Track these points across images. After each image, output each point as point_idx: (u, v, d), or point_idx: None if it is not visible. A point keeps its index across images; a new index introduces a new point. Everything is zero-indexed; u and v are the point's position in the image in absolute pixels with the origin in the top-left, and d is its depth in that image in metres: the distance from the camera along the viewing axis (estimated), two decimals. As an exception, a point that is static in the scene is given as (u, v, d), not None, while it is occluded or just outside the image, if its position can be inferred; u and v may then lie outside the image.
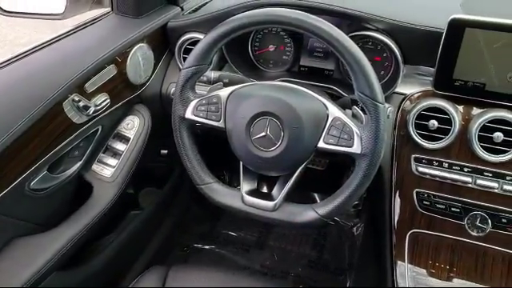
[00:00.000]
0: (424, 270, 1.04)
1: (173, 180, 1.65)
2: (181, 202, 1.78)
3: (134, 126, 1.23)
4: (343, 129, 0.86)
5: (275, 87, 0.93)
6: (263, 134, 0.88)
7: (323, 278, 1.68)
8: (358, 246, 1.75)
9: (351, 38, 1.05)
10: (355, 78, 0.84)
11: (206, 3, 1.31)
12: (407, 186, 1.08)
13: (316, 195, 1.92)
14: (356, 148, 0.85)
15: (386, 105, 0.87)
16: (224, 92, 0.93)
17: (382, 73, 1.14)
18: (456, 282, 1.02)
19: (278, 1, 1.07)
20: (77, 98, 1.01)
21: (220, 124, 0.93)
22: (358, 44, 1.10)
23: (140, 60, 1.18)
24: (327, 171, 1.70)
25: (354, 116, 0.91)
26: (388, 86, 1.09)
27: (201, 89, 1.02)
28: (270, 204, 0.92)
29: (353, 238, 1.81)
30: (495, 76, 0.95)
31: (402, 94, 1.08)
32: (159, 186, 1.63)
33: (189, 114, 0.94)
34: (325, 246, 1.82)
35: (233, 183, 1.92)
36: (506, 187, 1.00)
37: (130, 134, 1.23)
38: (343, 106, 0.93)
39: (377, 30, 1.05)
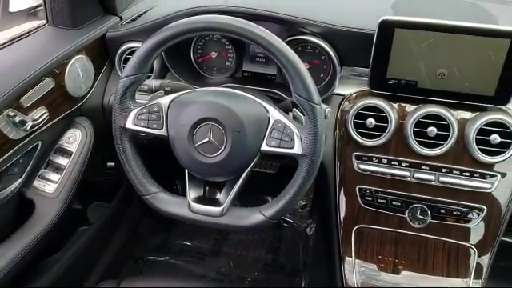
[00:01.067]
0: (370, 264, 1.08)
1: (122, 193, 1.62)
2: (132, 215, 1.75)
3: (76, 139, 1.20)
4: (284, 131, 0.88)
5: (216, 93, 0.93)
6: (206, 139, 0.88)
7: (279, 280, 1.70)
8: (311, 246, 1.78)
9: (290, 42, 1.09)
10: (292, 81, 0.86)
11: (146, 12, 1.31)
12: (350, 183, 1.11)
13: (269, 198, 1.93)
14: (297, 149, 0.87)
15: (324, 106, 0.89)
16: (165, 100, 0.93)
17: (322, 75, 1.17)
18: (401, 273, 1.07)
19: (216, 8, 1.08)
20: (12, 113, 0.98)
21: (162, 132, 0.92)
22: (297, 48, 1.14)
23: (79, 72, 1.15)
24: (278, 174, 1.72)
25: (295, 118, 0.93)
26: (327, 87, 1.12)
27: (143, 98, 1.01)
28: (217, 209, 0.92)
29: (306, 239, 1.85)
30: (425, 73, 1.00)
31: (340, 94, 1.12)
32: (108, 199, 1.59)
33: (129, 124, 0.93)
34: (280, 249, 1.84)
35: (185, 191, 1.90)
36: (442, 179, 1.05)
37: (73, 147, 1.20)
38: (285, 109, 0.95)
39: (312, 34, 1.08)
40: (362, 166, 1.09)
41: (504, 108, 1.01)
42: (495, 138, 0.99)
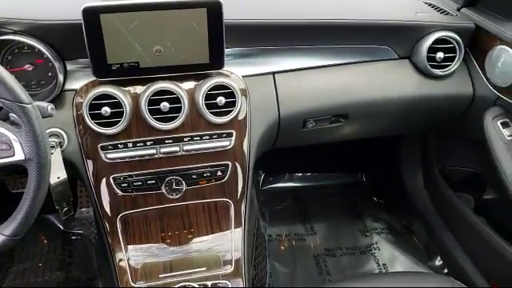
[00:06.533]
0: (140, 247, 1.10)
1: None
2: None
3: None
4: None
5: None
6: None
7: None
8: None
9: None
10: None
11: None
12: (104, 175, 1.10)
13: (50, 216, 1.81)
14: (19, 155, 0.81)
15: (40, 103, 0.85)
16: None
17: (50, 74, 1.11)
18: (171, 244, 1.11)
19: None
20: None
21: None
22: (13, 50, 1.05)
23: None
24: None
25: (15, 123, 0.87)
26: (56, 85, 1.07)
27: None
28: None
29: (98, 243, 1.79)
30: (143, 53, 1.03)
31: (73, 90, 1.08)
32: None
33: None
34: (72, 263, 1.74)
35: None
36: (186, 148, 1.11)
37: None
38: (3, 116, 0.88)
39: (15, 33, 1.01)
40: (109, 156, 1.08)
41: (223, 71, 1.12)
42: (221, 100, 1.09)
